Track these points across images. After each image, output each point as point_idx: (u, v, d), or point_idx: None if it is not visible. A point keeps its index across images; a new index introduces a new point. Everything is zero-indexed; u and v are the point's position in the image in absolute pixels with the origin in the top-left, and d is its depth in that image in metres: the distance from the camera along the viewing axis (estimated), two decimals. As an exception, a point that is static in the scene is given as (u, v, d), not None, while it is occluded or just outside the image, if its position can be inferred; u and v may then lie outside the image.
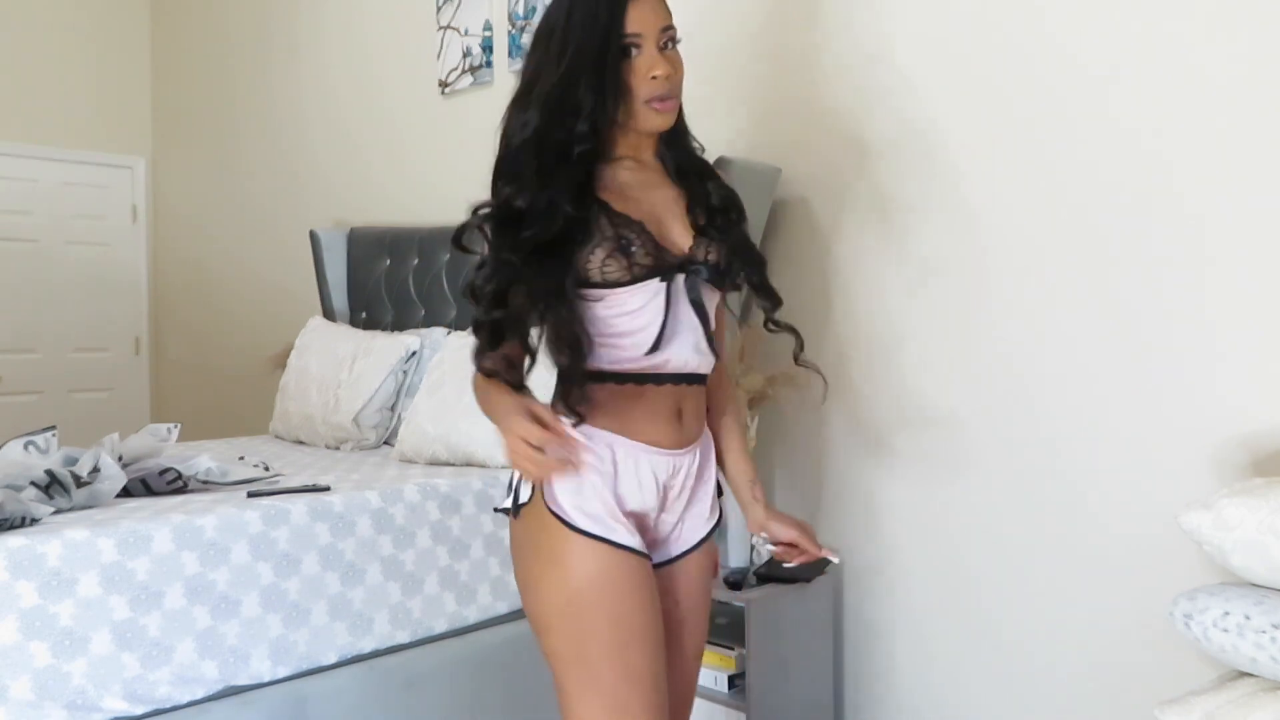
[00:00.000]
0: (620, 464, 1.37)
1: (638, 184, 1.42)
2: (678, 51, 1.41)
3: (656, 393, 1.38)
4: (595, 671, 1.31)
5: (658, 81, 1.36)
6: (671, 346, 1.37)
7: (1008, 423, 2.22)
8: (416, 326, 3.35)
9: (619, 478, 1.37)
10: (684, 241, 1.42)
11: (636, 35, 1.36)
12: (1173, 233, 1.97)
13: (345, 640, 2.08)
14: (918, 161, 2.36)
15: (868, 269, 2.46)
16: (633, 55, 1.36)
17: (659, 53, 1.37)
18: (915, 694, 2.41)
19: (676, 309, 1.37)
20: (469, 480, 2.35)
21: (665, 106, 1.39)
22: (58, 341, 5.11)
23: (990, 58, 2.24)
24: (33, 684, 1.68)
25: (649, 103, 1.38)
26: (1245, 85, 1.87)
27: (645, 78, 1.36)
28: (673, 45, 1.40)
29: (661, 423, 1.39)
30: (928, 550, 2.37)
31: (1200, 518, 1.61)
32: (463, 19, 3.55)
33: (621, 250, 1.34)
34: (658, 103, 1.38)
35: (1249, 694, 1.56)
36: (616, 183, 1.41)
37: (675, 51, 1.41)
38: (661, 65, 1.36)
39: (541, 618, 1.36)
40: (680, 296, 1.38)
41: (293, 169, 4.46)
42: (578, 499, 1.34)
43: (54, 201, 5.11)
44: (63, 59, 5.12)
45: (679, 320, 1.38)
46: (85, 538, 1.78)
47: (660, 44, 1.38)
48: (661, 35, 1.38)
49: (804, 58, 2.57)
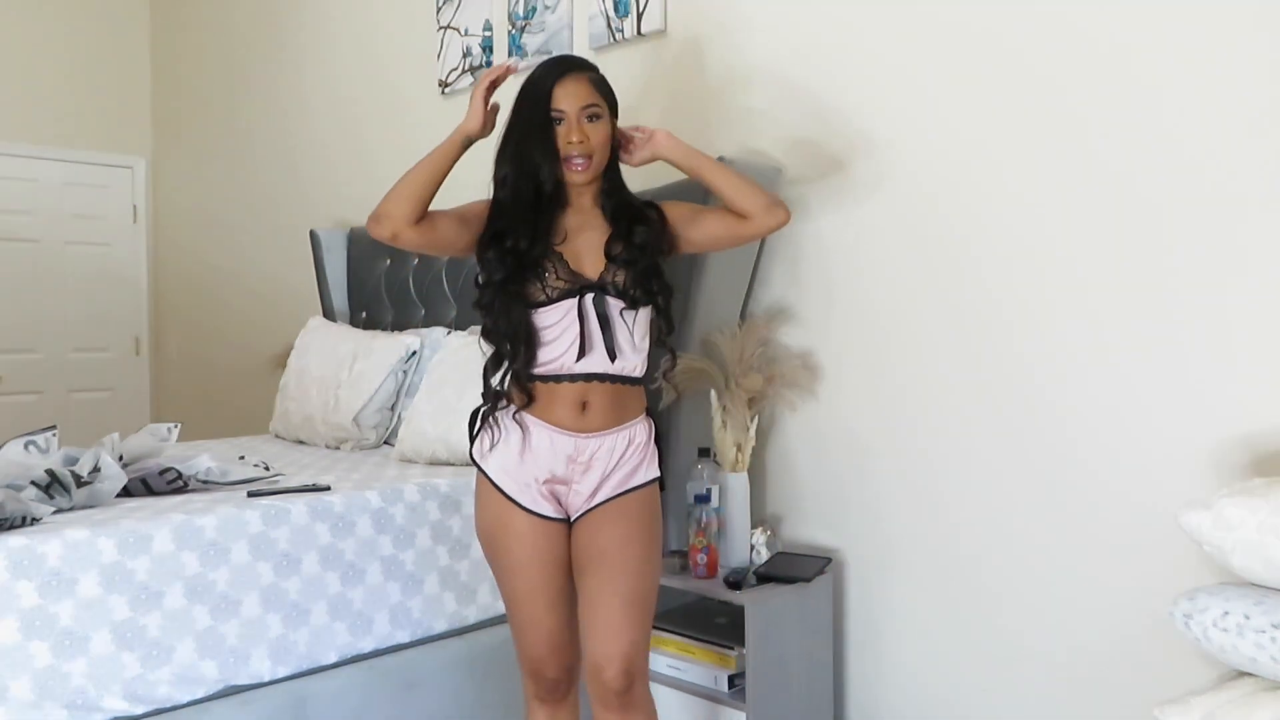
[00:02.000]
0: (534, 438, 1.80)
1: (574, 225, 1.85)
2: (599, 124, 1.81)
3: (566, 388, 1.80)
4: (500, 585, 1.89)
5: (572, 145, 1.79)
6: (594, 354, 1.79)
7: (1008, 423, 2.22)
8: (416, 326, 3.35)
9: (529, 448, 1.80)
10: (596, 270, 1.82)
11: (560, 111, 1.79)
12: (1173, 233, 1.97)
13: (345, 640, 2.08)
14: (918, 161, 2.36)
15: (868, 268, 2.46)
16: (557, 126, 1.79)
17: (579, 124, 1.79)
18: (915, 694, 2.41)
19: (589, 321, 1.78)
20: (469, 480, 2.35)
21: (578, 166, 1.81)
22: (58, 341, 5.12)
23: (995, 54, 2.23)
24: (33, 684, 1.69)
25: (566, 162, 1.80)
26: (1255, 88, 1.87)
27: (564, 143, 1.79)
28: (595, 119, 1.81)
29: (568, 411, 1.80)
30: (928, 550, 2.37)
31: (1200, 518, 1.61)
32: (463, 19, 3.55)
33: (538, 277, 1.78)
34: (574, 162, 1.80)
35: (1249, 694, 1.56)
36: (562, 225, 1.84)
37: (594, 125, 1.81)
38: (576, 133, 1.79)
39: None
40: (590, 311, 1.78)
41: (293, 169, 4.46)
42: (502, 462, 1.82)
43: (54, 201, 5.12)
44: (63, 59, 5.12)
45: (592, 331, 1.79)
46: (85, 538, 1.78)
47: (581, 118, 1.79)
48: (582, 112, 1.79)
49: (804, 57, 2.57)
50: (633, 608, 1.78)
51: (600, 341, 1.79)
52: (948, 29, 2.30)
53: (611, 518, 1.81)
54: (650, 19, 2.90)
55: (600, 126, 1.82)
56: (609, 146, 1.85)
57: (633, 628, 1.78)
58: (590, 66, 1.87)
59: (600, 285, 1.80)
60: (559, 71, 1.82)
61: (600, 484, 1.82)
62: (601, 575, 1.78)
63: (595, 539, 1.80)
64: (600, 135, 1.81)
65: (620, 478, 1.83)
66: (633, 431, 1.85)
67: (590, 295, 1.79)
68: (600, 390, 1.81)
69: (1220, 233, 1.91)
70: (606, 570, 1.78)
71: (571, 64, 1.85)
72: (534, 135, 1.79)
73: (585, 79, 1.82)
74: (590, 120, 1.80)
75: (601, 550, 1.79)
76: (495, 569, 1.88)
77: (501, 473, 1.82)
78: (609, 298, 1.80)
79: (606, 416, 1.82)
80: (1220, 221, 1.91)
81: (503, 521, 1.82)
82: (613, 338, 1.79)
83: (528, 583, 1.82)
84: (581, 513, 1.83)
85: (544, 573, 1.82)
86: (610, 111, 1.85)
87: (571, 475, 1.82)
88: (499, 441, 1.82)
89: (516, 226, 1.79)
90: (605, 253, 1.83)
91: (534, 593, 1.82)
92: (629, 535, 1.80)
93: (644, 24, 2.91)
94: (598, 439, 1.81)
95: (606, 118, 1.83)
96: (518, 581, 1.83)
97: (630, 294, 1.81)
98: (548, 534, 1.82)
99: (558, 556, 1.83)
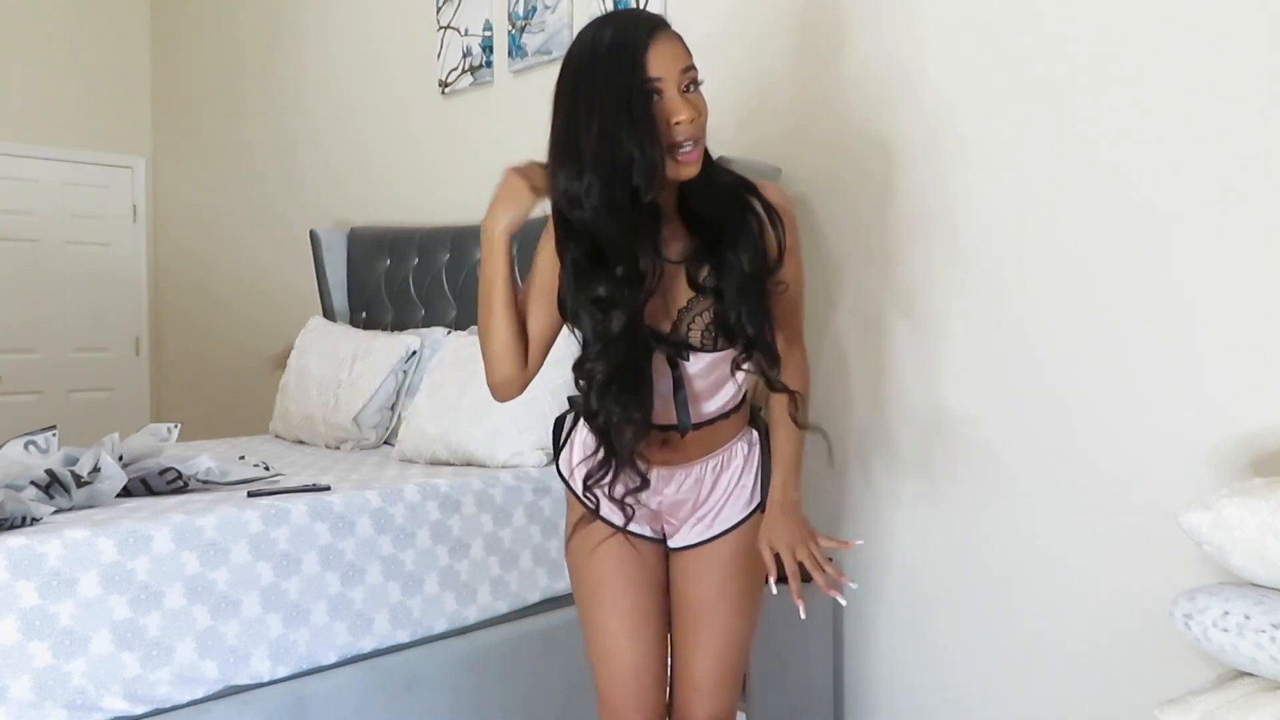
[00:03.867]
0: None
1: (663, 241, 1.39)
2: (700, 93, 1.37)
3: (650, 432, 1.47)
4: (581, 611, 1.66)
5: (681, 126, 1.33)
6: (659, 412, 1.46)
7: (1008, 422, 2.22)
8: (416, 326, 3.35)
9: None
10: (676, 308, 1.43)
11: (658, 80, 1.32)
12: (1174, 234, 1.97)
13: (345, 640, 2.08)
14: (919, 161, 2.36)
15: (868, 269, 2.46)
16: (654, 100, 1.32)
17: (680, 96, 1.33)
18: (915, 694, 2.41)
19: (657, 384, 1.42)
20: (469, 480, 2.35)
21: (689, 156, 1.35)
22: (58, 341, 5.11)
23: (995, 54, 2.23)
24: (33, 684, 1.68)
25: (671, 150, 1.33)
26: (1262, 89, 1.87)
27: (668, 124, 1.32)
28: (695, 87, 1.36)
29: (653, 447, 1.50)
30: (927, 550, 2.37)
31: (1200, 518, 1.61)
32: (463, 19, 3.55)
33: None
34: (681, 151, 1.34)
35: (1248, 694, 1.56)
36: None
37: (698, 94, 1.37)
38: (685, 110, 1.32)
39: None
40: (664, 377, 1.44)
41: (293, 168, 4.46)
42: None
43: (54, 201, 5.12)
44: (63, 59, 5.12)
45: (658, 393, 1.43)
46: (85, 537, 1.78)
47: (682, 86, 1.34)
48: (683, 78, 1.34)
49: (804, 56, 2.57)
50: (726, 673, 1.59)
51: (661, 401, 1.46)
52: (955, 28, 2.30)
53: (711, 562, 1.56)
54: (650, 19, 2.89)
55: (700, 97, 1.38)
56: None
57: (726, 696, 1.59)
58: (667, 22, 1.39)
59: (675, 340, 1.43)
60: (645, 29, 1.33)
61: (691, 517, 1.58)
62: (698, 630, 1.57)
63: (690, 585, 1.58)
64: (704, 109, 1.38)
65: (713, 516, 1.56)
66: (728, 454, 1.56)
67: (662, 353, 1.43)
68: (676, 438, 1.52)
69: (1222, 234, 1.91)
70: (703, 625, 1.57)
71: (658, 20, 1.37)
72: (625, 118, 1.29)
73: (677, 37, 1.37)
74: (690, 89, 1.36)
75: (699, 600, 1.57)
76: (578, 594, 1.64)
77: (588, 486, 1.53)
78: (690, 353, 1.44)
79: (696, 449, 1.54)
80: (1223, 223, 1.91)
81: (588, 539, 1.58)
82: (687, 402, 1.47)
83: (610, 605, 1.57)
84: (680, 545, 1.59)
85: (629, 594, 1.56)
86: None
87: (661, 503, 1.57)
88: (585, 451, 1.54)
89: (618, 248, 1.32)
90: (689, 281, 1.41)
91: (615, 617, 1.57)
92: (728, 586, 1.57)
93: (644, 24, 2.91)
94: (684, 470, 1.54)
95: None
96: (599, 603, 1.58)
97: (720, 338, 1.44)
98: (638, 553, 1.58)
99: (650, 579, 1.59)
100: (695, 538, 1.57)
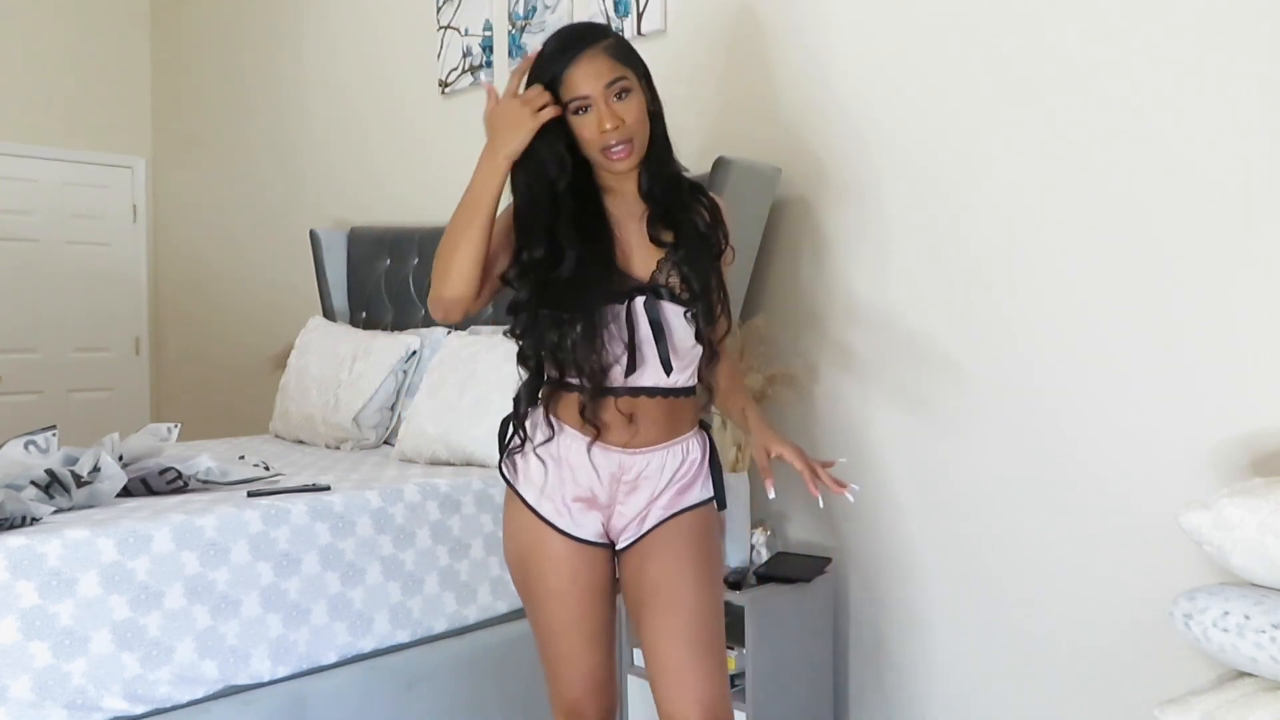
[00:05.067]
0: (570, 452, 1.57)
1: (618, 216, 1.59)
2: (631, 98, 1.52)
3: (613, 402, 1.55)
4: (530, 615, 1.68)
5: (608, 133, 1.50)
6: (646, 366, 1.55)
7: (1008, 422, 2.22)
8: (416, 326, 3.35)
9: (565, 464, 1.57)
10: (646, 267, 1.57)
11: (584, 98, 1.50)
12: (1173, 235, 1.97)
13: (345, 640, 2.08)
14: (920, 162, 2.36)
15: (868, 268, 2.46)
16: (582, 115, 1.51)
17: (608, 106, 1.50)
18: (915, 694, 2.40)
19: (640, 329, 1.54)
20: (469, 480, 2.35)
21: (620, 154, 1.52)
22: (58, 341, 5.11)
23: (984, 56, 2.23)
24: (33, 684, 1.68)
25: (604, 153, 1.52)
26: (1254, 91, 1.87)
27: (597, 133, 1.51)
28: (625, 95, 1.52)
29: (615, 425, 1.56)
30: (928, 551, 2.37)
31: (1200, 518, 1.61)
32: (463, 19, 3.55)
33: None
34: (613, 152, 1.52)
35: (1248, 694, 1.56)
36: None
37: (628, 101, 1.52)
38: (610, 119, 1.50)
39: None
40: (641, 318, 1.54)
41: (292, 168, 4.46)
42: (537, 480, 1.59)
43: (54, 201, 5.12)
44: (63, 59, 5.12)
45: (643, 339, 1.54)
46: (85, 537, 1.78)
47: (609, 98, 1.50)
48: (607, 91, 1.50)
49: (805, 57, 2.57)
50: (700, 650, 1.56)
51: (652, 354, 1.55)
52: (952, 31, 2.30)
53: (662, 544, 1.59)
54: (650, 19, 2.90)
55: (634, 101, 1.52)
56: (648, 121, 1.55)
57: (707, 676, 1.55)
58: (604, 33, 1.56)
59: (652, 287, 1.56)
60: (571, 51, 1.51)
61: (648, 506, 1.60)
62: (659, 616, 1.57)
63: (646, 571, 1.59)
64: (635, 111, 1.52)
65: (670, 498, 1.60)
66: (686, 446, 1.62)
67: (641, 299, 1.54)
68: (651, 404, 1.57)
69: (1220, 234, 1.91)
70: (663, 609, 1.56)
71: (583, 37, 1.53)
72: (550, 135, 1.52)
73: (601, 51, 1.51)
74: (620, 98, 1.51)
75: (654, 584, 1.58)
76: (526, 599, 1.66)
77: (536, 491, 1.60)
78: (663, 302, 1.55)
79: (659, 430, 1.59)
80: (1220, 223, 1.91)
81: (537, 546, 1.60)
82: (669, 349, 1.55)
83: (565, 614, 1.60)
84: (629, 541, 1.61)
85: (583, 603, 1.60)
86: (641, 77, 1.55)
87: (615, 496, 1.59)
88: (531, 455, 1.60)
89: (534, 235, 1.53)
90: (651, 238, 1.57)
91: (571, 625, 1.60)
92: (683, 563, 1.58)
93: (644, 24, 2.91)
94: (645, 455, 1.58)
95: (638, 88, 1.53)
96: (553, 613, 1.61)
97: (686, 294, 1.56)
98: (588, 560, 1.60)
99: (599, 585, 1.62)
100: (654, 520, 1.60)
